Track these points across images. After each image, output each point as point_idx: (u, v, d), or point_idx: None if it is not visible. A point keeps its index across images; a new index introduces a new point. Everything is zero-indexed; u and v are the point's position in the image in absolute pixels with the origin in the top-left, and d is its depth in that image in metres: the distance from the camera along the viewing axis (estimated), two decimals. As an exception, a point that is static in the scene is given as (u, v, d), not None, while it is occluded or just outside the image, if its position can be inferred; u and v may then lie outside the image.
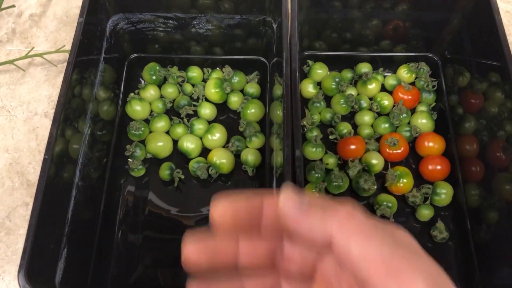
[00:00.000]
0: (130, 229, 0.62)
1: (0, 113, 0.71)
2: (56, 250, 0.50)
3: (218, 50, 0.73)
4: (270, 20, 0.66)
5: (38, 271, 0.44)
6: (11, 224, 0.64)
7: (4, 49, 0.77)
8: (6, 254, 0.62)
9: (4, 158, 0.68)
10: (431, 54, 0.73)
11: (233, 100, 0.70)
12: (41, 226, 0.46)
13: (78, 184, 0.55)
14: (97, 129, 0.62)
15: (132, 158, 0.65)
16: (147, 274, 0.59)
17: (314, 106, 0.69)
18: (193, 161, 0.65)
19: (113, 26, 0.67)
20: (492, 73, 0.59)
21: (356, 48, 0.73)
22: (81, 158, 0.57)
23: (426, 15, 0.67)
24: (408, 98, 0.68)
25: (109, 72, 0.66)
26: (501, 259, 0.56)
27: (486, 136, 0.60)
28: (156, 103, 0.69)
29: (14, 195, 0.65)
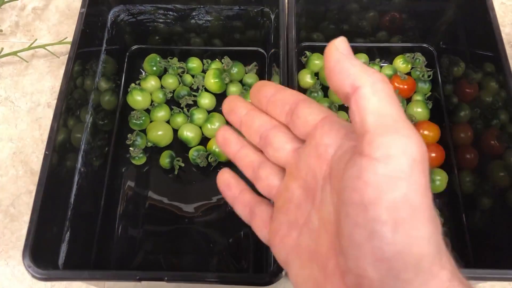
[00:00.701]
0: (131, 215, 0.63)
1: (4, 103, 0.72)
2: (59, 233, 0.51)
3: (217, 41, 0.74)
4: (268, 11, 0.67)
5: (42, 252, 0.46)
6: (15, 211, 0.65)
7: (7, 41, 0.78)
8: (10, 240, 0.63)
9: (8, 148, 0.69)
10: (426, 44, 0.74)
11: (232, 90, 0.71)
12: (45, 209, 0.47)
13: (80, 170, 0.57)
14: (99, 119, 0.63)
15: (133, 147, 0.66)
16: (148, 258, 0.61)
17: (312, 96, 0.70)
18: (193, 149, 0.66)
19: (114, 17, 0.68)
20: (487, 63, 0.60)
21: (353, 39, 0.74)
22: (84, 145, 0.58)
23: (422, 6, 0.68)
24: (404, 87, 0.69)
25: (110, 63, 0.68)
26: (494, 244, 0.57)
27: (480, 125, 0.61)
28: (157, 93, 0.71)
29: (18, 183, 0.67)
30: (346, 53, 0.27)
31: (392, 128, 0.25)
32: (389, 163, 0.24)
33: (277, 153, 0.33)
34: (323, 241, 0.28)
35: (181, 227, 0.63)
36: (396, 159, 0.24)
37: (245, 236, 0.62)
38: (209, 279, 0.44)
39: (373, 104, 0.25)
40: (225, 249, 0.61)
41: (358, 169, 0.25)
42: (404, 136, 0.24)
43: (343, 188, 0.26)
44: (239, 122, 0.36)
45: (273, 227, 0.33)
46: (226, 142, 0.37)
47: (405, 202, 0.23)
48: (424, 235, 0.24)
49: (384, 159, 0.24)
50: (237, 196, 0.37)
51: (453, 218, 0.63)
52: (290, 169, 0.33)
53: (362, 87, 0.26)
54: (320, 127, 0.30)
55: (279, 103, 0.33)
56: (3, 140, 0.70)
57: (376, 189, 0.24)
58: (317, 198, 0.30)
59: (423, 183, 0.24)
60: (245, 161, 0.36)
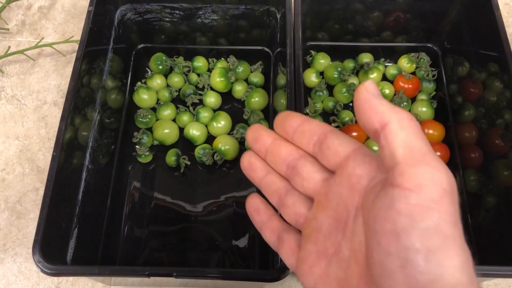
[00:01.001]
0: (137, 213, 0.64)
1: (10, 102, 0.73)
2: (68, 229, 0.51)
3: (223, 40, 0.74)
4: (274, 10, 0.67)
5: (51, 248, 0.46)
6: (22, 208, 0.65)
7: (14, 40, 0.79)
8: (17, 237, 0.63)
9: (14, 145, 0.70)
10: (431, 44, 0.75)
11: (237, 89, 0.71)
12: (54, 205, 0.47)
13: (88, 167, 0.57)
14: (106, 117, 0.63)
15: (140, 145, 0.66)
16: (154, 256, 0.61)
17: (317, 95, 0.70)
18: (199, 148, 0.66)
19: (121, 16, 0.68)
20: (491, 63, 0.61)
21: (358, 39, 0.74)
22: (91, 143, 0.58)
23: (427, 6, 0.69)
24: (409, 87, 0.69)
25: (117, 62, 0.68)
26: (499, 243, 0.57)
27: (485, 124, 0.62)
28: (163, 92, 0.71)
29: (25, 180, 0.67)
30: (375, 93, 0.28)
31: (421, 160, 0.26)
32: (421, 192, 0.25)
33: (306, 182, 0.34)
34: (353, 272, 0.29)
35: (187, 225, 0.63)
36: (427, 189, 0.25)
37: (251, 235, 0.62)
38: (217, 275, 0.44)
39: (401, 138, 0.26)
40: (231, 248, 0.61)
41: (390, 199, 0.25)
42: (434, 168, 0.25)
43: (374, 218, 0.27)
44: (265, 151, 0.36)
45: (301, 255, 0.34)
46: (252, 167, 0.37)
47: (437, 231, 0.24)
48: (457, 264, 0.24)
49: (416, 189, 0.25)
50: (265, 222, 0.37)
51: (457, 217, 0.63)
52: (319, 198, 0.33)
53: (391, 123, 0.27)
54: (352, 159, 0.31)
55: (306, 133, 0.34)
56: (9, 138, 0.70)
57: (408, 218, 0.25)
58: (349, 228, 0.30)
59: (453, 212, 0.25)
60: (271, 188, 0.37)
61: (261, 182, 0.37)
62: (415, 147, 0.26)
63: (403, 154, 0.26)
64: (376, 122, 0.28)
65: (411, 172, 0.25)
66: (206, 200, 0.64)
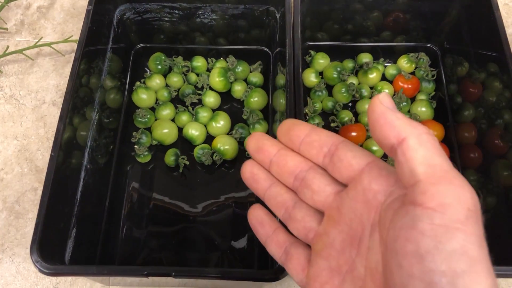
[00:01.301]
0: (136, 213, 0.64)
1: (9, 101, 0.73)
2: (66, 229, 0.51)
3: (222, 40, 0.74)
4: (273, 10, 0.67)
5: (49, 248, 0.46)
6: (20, 208, 0.65)
7: (13, 40, 0.78)
8: (15, 237, 0.63)
9: (13, 145, 0.69)
10: (430, 44, 0.75)
11: (236, 89, 0.71)
12: (52, 205, 0.47)
13: (87, 167, 0.57)
14: (104, 117, 0.63)
15: (138, 145, 0.66)
16: (153, 256, 0.61)
17: (316, 95, 0.70)
18: (198, 148, 0.66)
19: (120, 16, 0.68)
20: (491, 63, 0.61)
21: (357, 39, 0.74)
22: (90, 142, 0.58)
23: (426, 6, 0.69)
24: (408, 87, 0.69)
25: (116, 62, 0.68)
26: (499, 243, 0.57)
27: (484, 124, 0.62)
28: (162, 91, 0.71)
29: (23, 180, 0.67)
30: (390, 106, 0.27)
31: (444, 178, 0.25)
32: (445, 212, 0.24)
33: (316, 195, 0.33)
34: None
35: (185, 225, 0.63)
36: (452, 208, 0.24)
37: (250, 235, 0.62)
38: (216, 274, 0.44)
39: (421, 155, 0.25)
40: (230, 248, 0.61)
41: (412, 218, 0.24)
42: (458, 186, 0.24)
43: (394, 238, 0.25)
44: (269, 161, 0.35)
45: (312, 272, 0.32)
46: (255, 178, 0.36)
47: (464, 253, 0.23)
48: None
49: (440, 208, 0.24)
50: (270, 235, 0.36)
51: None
52: (331, 213, 0.32)
53: (408, 138, 0.26)
54: (367, 172, 0.29)
55: (315, 144, 0.32)
56: (8, 138, 0.70)
57: (433, 239, 0.23)
58: (364, 245, 0.29)
59: (479, 234, 0.24)
60: (276, 200, 0.35)
61: (265, 193, 0.36)
62: (436, 164, 0.25)
63: (424, 171, 0.25)
64: (392, 138, 0.26)
65: (434, 190, 0.24)
66: (205, 200, 0.64)
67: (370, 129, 0.28)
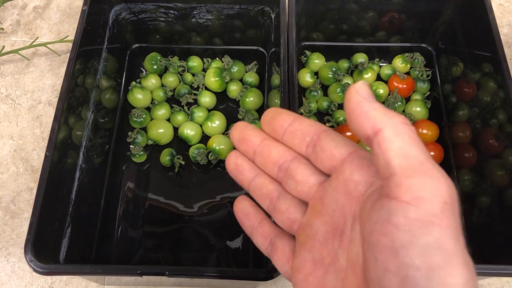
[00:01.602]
0: (131, 212, 0.64)
1: (5, 101, 0.73)
2: (61, 228, 0.51)
3: (217, 40, 0.74)
4: (268, 10, 0.67)
5: (43, 247, 0.46)
6: (16, 208, 0.65)
7: (8, 39, 0.79)
8: (11, 237, 0.63)
9: (9, 145, 0.69)
10: (425, 44, 0.75)
11: (232, 89, 0.71)
12: (46, 204, 0.47)
13: (82, 167, 0.57)
14: (100, 116, 0.63)
15: (134, 145, 0.66)
16: (148, 256, 0.61)
17: (311, 95, 0.70)
18: (193, 147, 0.66)
19: (116, 16, 0.68)
20: (485, 63, 0.61)
21: (353, 39, 0.74)
22: (85, 142, 0.58)
23: (421, 6, 0.69)
24: (403, 87, 0.69)
25: (111, 62, 0.68)
26: (492, 242, 0.57)
27: (478, 124, 0.62)
28: (157, 91, 0.71)
29: (19, 180, 0.67)
30: (367, 96, 0.27)
31: (420, 170, 0.24)
32: (420, 206, 0.23)
33: (300, 186, 0.32)
34: (350, 283, 0.28)
35: (181, 224, 0.63)
36: (427, 202, 0.23)
37: (245, 235, 0.61)
38: (210, 273, 0.44)
39: (397, 146, 0.25)
40: (225, 247, 0.61)
41: (387, 212, 0.24)
42: (434, 178, 0.24)
43: (370, 232, 0.25)
44: (253, 152, 0.34)
45: (296, 263, 0.32)
46: (239, 169, 0.35)
47: (439, 247, 0.23)
48: (460, 282, 0.23)
49: (415, 202, 0.23)
50: (256, 226, 0.35)
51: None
52: (314, 204, 0.32)
53: (384, 129, 0.25)
54: (349, 162, 0.29)
55: (298, 134, 0.32)
56: (4, 138, 0.70)
57: (407, 233, 0.23)
58: (346, 237, 0.29)
59: (455, 227, 0.24)
60: (261, 191, 0.34)
61: (249, 185, 0.35)
62: (412, 156, 0.24)
63: (399, 163, 0.24)
64: (368, 128, 0.26)
65: (409, 184, 0.24)
66: (201, 200, 0.64)
67: (347, 119, 0.27)
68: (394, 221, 0.23)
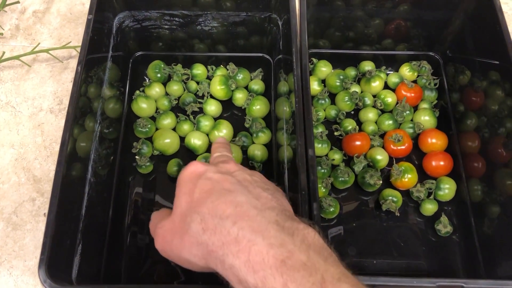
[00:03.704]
0: (139, 225, 0.63)
1: (5, 108, 0.71)
2: (72, 246, 0.50)
3: (222, 47, 0.73)
4: (275, 17, 0.67)
5: (56, 266, 0.45)
6: (18, 219, 0.64)
7: (8, 45, 0.77)
8: (13, 249, 0.62)
9: (9, 154, 0.68)
10: (432, 53, 0.75)
11: (238, 97, 0.70)
12: (59, 222, 0.46)
13: (90, 180, 0.56)
14: (104, 127, 0.62)
15: (140, 155, 0.65)
16: (157, 267, 0.60)
17: (319, 103, 0.70)
18: (200, 157, 0.65)
19: (119, 24, 0.67)
20: (493, 71, 0.61)
21: (359, 47, 0.74)
22: (93, 155, 0.57)
23: (428, 14, 0.69)
24: (411, 95, 0.69)
25: (115, 70, 0.67)
26: (504, 252, 0.57)
27: (487, 133, 0.62)
28: (162, 100, 0.70)
29: (21, 190, 0.66)
30: None
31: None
32: None
33: None
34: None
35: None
36: None
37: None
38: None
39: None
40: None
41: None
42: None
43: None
44: None
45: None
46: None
47: None
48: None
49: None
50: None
51: (462, 226, 0.63)
52: None
53: None
54: None
55: None
56: (4, 146, 0.68)
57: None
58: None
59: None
60: None
61: None
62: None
63: None
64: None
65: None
66: (208, 210, 0.63)
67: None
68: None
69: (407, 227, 0.63)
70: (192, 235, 0.39)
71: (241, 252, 0.35)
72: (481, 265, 0.60)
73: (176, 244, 0.41)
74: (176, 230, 0.42)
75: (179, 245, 0.41)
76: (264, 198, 0.41)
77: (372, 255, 0.61)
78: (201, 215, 0.39)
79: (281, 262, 0.33)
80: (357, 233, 0.63)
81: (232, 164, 0.47)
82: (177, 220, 0.42)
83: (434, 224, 0.63)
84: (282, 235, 0.35)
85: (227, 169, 0.46)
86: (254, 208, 0.39)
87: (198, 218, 0.39)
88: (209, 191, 0.42)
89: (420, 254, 0.61)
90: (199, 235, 0.38)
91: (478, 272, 0.59)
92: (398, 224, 0.63)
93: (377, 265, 0.61)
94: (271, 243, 0.34)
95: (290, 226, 0.37)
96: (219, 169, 0.45)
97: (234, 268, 0.35)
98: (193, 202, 0.42)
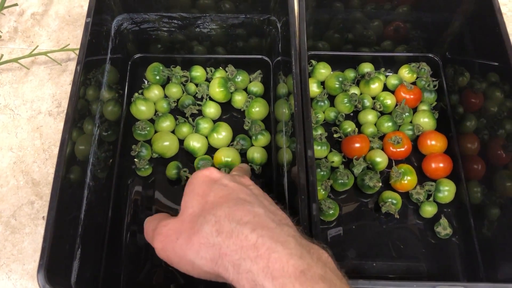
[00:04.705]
0: (138, 228, 0.62)
1: (3, 111, 0.71)
2: (71, 250, 0.50)
3: (220, 49, 0.73)
4: (274, 19, 0.66)
5: (55, 271, 0.45)
6: (16, 223, 0.64)
7: (6, 47, 0.76)
8: (12, 253, 0.62)
9: (8, 157, 0.68)
10: (432, 54, 0.74)
11: (237, 99, 0.70)
12: (58, 227, 0.46)
13: (89, 184, 0.56)
14: (103, 130, 0.62)
15: (138, 158, 0.65)
16: (156, 270, 0.60)
17: (318, 105, 0.70)
18: (198, 158, 0.65)
19: (118, 26, 0.67)
20: (492, 73, 0.61)
21: (358, 48, 0.74)
22: (92, 159, 0.57)
23: (427, 16, 0.68)
24: (410, 97, 0.69)
25: (113, 73, 0.66)
26: (504, 254, 0.57)
27: (486, 135, 0.62)
28: (161, 103, 0.70)
29: (19, 193, 0.65)
30: None
31: None
32: None
33: None
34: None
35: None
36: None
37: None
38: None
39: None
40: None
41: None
42: None
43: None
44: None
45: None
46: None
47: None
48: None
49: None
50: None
51: (462, 228, 0.63)
52: None
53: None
54: None
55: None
56: (3, 149, 0.68)
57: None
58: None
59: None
60: None
61: None
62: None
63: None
64: None
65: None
66: (207, 213, 0.63)
67: None
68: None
69: (407, 229, 0.63)
70: (203, 235, 0.38)
71: (259, 258, 0.35)
72: (480, 267, 0.60)
73: (181, 244, 0.40)
74: (183, 230, 0.41)
75: (185, 245, 0.40)
76: (279, 215, 0.41)
77: (372, 257, 0.61)
78: (217, 217, 0.39)
79: (300, 272, 0.33)
80: (357, 235, 0.63)
81: (247, 178, 0.47)
82: (187, 220, 0.41)
83: (434, 226, 0.63)
84: (301, 249, 0.36)
85: (242, 182, 0.45)
86: (272, 221, 0.38)
87: (213, 220, 0.39)
88: (224, 196, 0.42)
89: (419, 256, 0.61)
90: (212, 236, 0.38)
91: (478, 275, 0.59)
92: (397, 226, 0.63)
93: (377, 267, 0.60)
94: (291, 253, 0.34)
95: (307, 244, 0.37)
96: (234, 179, 0.45)
97: (251, 273, 0.34)
98: (207, 204, 0.41)
